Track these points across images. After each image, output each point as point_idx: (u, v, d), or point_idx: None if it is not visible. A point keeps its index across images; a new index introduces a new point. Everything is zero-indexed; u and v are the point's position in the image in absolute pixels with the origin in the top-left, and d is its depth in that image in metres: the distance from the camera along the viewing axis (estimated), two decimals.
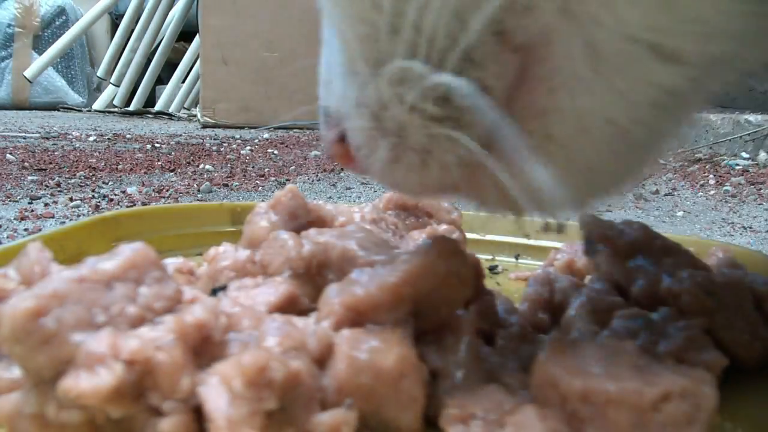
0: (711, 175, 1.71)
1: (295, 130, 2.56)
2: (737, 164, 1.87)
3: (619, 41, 0.21)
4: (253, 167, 1.67)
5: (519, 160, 0.24)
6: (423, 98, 0.23)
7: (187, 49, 3.57)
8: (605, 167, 0.25)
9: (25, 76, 3.58)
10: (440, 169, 0.25)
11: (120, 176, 1.43)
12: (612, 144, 0.24)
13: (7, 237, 0.83)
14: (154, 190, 1.26)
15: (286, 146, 2.07)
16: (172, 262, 0.43)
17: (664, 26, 0.21)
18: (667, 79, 0.22)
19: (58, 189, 1.23)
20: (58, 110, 3.68)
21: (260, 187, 1.36)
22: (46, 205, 1.07)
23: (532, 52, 0.22)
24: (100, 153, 1.79)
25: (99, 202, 1.11)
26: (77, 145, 1.95)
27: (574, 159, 0.24)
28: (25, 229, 0.88)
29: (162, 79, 3.66)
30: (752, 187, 1.54)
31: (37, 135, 2.18)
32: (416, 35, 0.22)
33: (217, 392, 0.23)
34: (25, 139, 2.05)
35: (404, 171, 0.26)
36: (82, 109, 3.71)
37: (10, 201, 1.09)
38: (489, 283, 0.54)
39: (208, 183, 1.34)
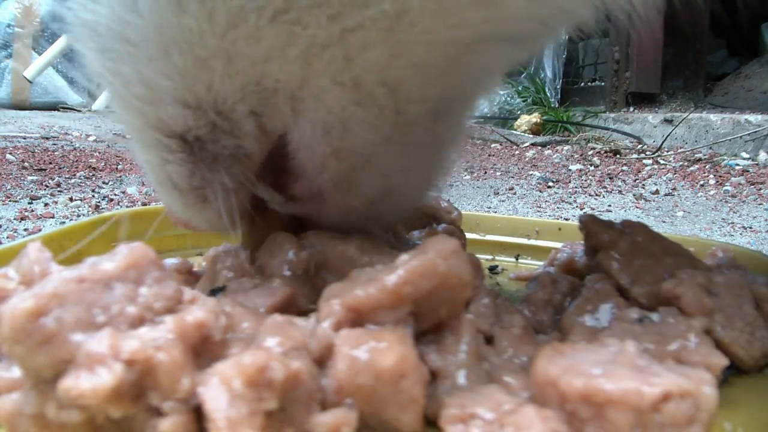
0: (711, 175, 1.71)
1: None
2: (737, 164, 1.87)
3: (333, 113, 0.31)
4: None
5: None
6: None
7: None
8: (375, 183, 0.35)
9: (25, 77, 3.58)
10: (215, 200, 0.34)
11: (120, 176, 1.43)
12: (376, 166, 0.34)
13: (7, 237, 0.83)
14: (154, 190, 1.26)
15: None
16: (172, 262, 0.43)
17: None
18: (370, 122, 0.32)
19: (58, 189, 1.23)
20: (58, 110, 3.68)
21: None
22: (46, 205, 1.07)
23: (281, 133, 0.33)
24: (100, 153, 1.79)
25: (99, 202, 1.11)
26: (77, 145, 1.95)
27: (362, 186, 0.35)
28: (25, 229, 0.88)
29: None
30: (752, 187, 1.54)
31: (37, 135, 2.18)
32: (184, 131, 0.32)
33: (217, 392, 0.23)
34: (25, 139, 2.05)
35: (192, 210, 0.35)
36: (82, 109, 3.71)
37: (10, 201, 1.09)
38: (489, 283, 0.54)
39: None
